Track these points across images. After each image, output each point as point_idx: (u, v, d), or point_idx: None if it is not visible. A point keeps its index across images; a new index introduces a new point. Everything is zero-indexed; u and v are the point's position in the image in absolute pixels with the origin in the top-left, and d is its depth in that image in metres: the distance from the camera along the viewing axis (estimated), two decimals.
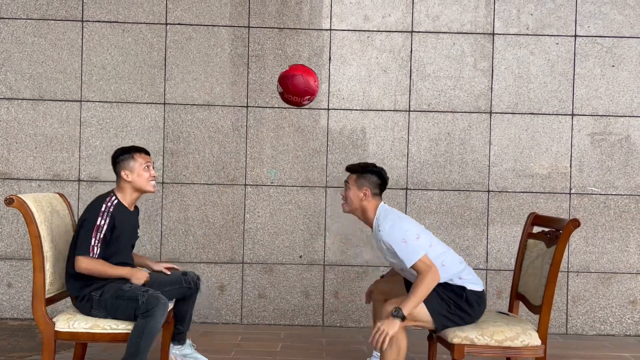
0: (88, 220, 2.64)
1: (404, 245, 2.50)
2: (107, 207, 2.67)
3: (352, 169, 2.78)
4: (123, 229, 2.73)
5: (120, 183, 2.79)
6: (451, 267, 2.59)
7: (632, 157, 4.11)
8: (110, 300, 2.57)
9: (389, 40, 4.11)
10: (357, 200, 2.70)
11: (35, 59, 4.06)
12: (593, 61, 4.11)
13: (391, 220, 2.60)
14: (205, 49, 4.09)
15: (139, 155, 2.79)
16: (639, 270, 4.08)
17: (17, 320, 4.02)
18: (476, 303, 2.56)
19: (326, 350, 3.54)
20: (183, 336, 3.03)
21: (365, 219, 2.74)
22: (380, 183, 2.74)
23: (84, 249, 2.58)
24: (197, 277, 2.98)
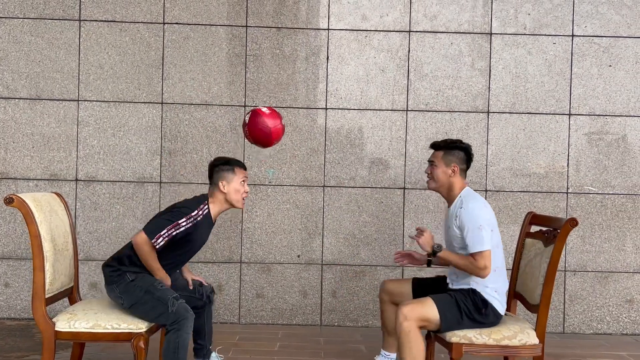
0: (175, 213, 2.66)
1: (477, 230, 2.51)
2: (197, 215, 2.68)
3: (438, 145, 2.75)
4: (195, 241, 2.75)
5: (215, 192, 2.77)
6: (498, 277, 2.61)
7: (628, 156, 4.12)
8: (139, 292, 2.57)
9: (387, 39, 4.12)
10: (445, 177, 2.68)
11: (32, 58, 4.05)
12: (590, 61, 4.12)
13: (478, 203, 2.60)
14: (203, 48, 4.09)
15: (239, 170, 2.79)
16: (636, 269, 4.10)
17: (15, 320, 4.01)
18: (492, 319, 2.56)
19: (324, 350, 3.54)
20: (207, 351, 2.98)
21: (448, 196, 2.72)
22: (467, 159, 2.73)
23: (152, 231, 2.60)
24: (211, 289, 2.97)
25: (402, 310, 2.45)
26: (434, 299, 2.53)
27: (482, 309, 2.53)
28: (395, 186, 4.10)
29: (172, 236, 2.62)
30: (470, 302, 2.53)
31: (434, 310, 2.48)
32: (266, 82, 4.09)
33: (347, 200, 4.10)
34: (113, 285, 2.64)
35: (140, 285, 2.59)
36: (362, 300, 4.09)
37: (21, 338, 3.62)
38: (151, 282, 2.61)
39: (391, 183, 4.11)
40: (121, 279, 2.63)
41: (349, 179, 4.10)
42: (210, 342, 3.00)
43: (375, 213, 4.10)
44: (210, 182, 2.81)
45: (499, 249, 2.63)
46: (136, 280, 2.61)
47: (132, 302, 2.57)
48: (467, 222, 2.54)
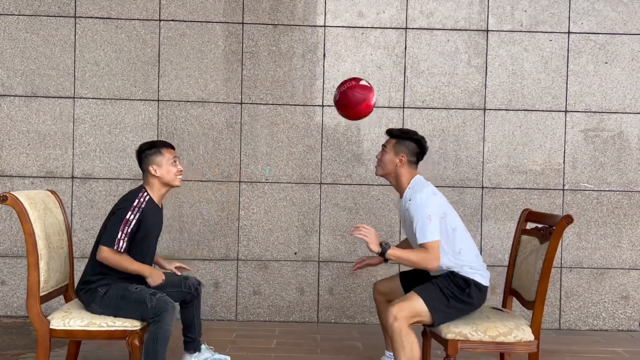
0: (118, 213, 2.64)
1: (427, 221, 2.50)
2: (139, 203, 2.66)
3: (393, 133, 2.75)
4: (151, 229, 2.73)
5: (148, 178, 2.76)
6: (467, 256, 2.61)
7: (624, 153, 4.13)
8: (115, 300, 2.56)
9: (384, 36, 4.11)
10: (391, 165, 2.69)
11: (27, 56, 4.04)
12: (586, 58, 4.12)
13: (425, 194, 2.58)
14: (199, 45, 4.08)
15: (166, 150, 2.77)
16: (632, 265, 4.11)
17: (11, 318, 4.01)
18: (476, 296, 2.58)
19: (321, 347, 3.54)
20: (196, 344, 3.00)
21: (397, 185, 2.73)
22: (419, 152, 2.72)
23: (109, 239, 2.59)
24: (198, 282, 2.97)
25: (391, 311, 2.46)
26: (418, 292, 2.53)
27: (465, 289, 2.55)
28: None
29: (129, 234, 2.59)
30: (452, 285, 2.55)
31: (420, 302, 2.49)
32: (263, 79, 4.08)
33: (344, 198, 4.10)
34: (92, 305, 2.61)
35: (114, 294, 2.58)
36: (359, 297, 4.09)
37: (17, 336, 3.62)
38: (124, 287, 2.59)
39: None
40: (94, 296, 2.60)
41: (346, 176, 4.10)
42: (199, 335, 3.01)
43: (372, 210, 4.10)
44: (142, 169, 2.79)
45: (457, 231, 2.61)
46: (109, 292, 2.59)
47: (115, 311, 2.57)
48: (416, 213, 2.54)
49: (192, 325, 2.95)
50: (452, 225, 2.60)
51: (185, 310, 2.94)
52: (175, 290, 2.86)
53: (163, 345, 2.47)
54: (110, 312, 2.57)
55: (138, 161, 2.81)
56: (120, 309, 2.55)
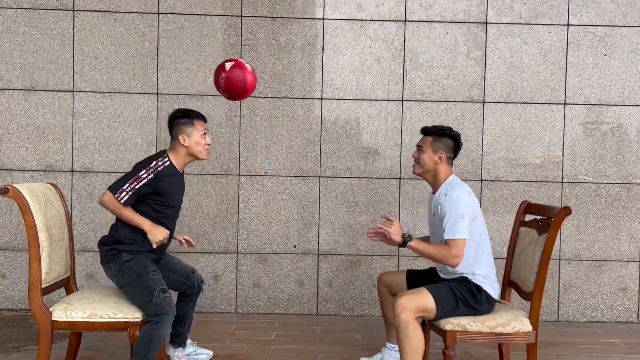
0: (135, 167, 2.68)
1: (459, 218, 2.50)
2: (156, 165, 2.67)
3: (428, 131, 2.74)
4: (170, 190, 2.72)
5: (175, 145, 2.77)
6: (485, 264, 2.62)
7: (623, 145, 4.14)
8: (132, 273, 2.58)
9: (382, 29, 4.11)
10: (431, 163, 2.69)
11: (26, 49, 4.03)
12: (585, 50, 4.12)
13: (463, 192, 2.58)
14: (198, 38, 4.08)
15: (198, 122, 2.77)
16: (630, 257, 4.13)
17: (12, 311, 4.02)
18: (485, 306, 2.58)
19: (320, 339, 3.56)
20: (183, 339, 3.02)
21: (433, 182, 2.73)
22: (455, 148, 2.73)
23: (115, 186, 2.63)
24: (201, 279, 2.99)
25: (399, 302, 2.46)
26: (429, 289, 2.54)
27: (476, 295, 2.55)
28: (391, 176, 4.11)
29: (135, 190, 2.60)
30: (464, 289, 2.55)
31: (430, 299, 2.50)
32: (262, 72, 4.08)
33: (343, 191, 4.11)
34: (110, 264, 2.66)
35: (134, 267, 2.60)
36: (358, 290, 4.11)
37: (18, 329, 3.63)
38: (145, 267, 2.61)
39: (387, 173, 4.12)
40: (117, 258, 2.64)
41: (345, 169, 4.11)
42: (188, 330, 3.04)
43: (371, 203, 4.11)
44: (171, 135, 2.80)
45: (483, 237, 2.63)
46: (131, 262, 2.62)
47: (125, 283, 2.60)
48: (450, 209, 2.54)
49: (183, 320, 2.97)
50: (479, 230, 2.61)
51: (182, 303, 2.95)
52: (178, 279, 2.87)
53: (155, 347, 2.48)
54: (121, 282, 2.61)
55: (169, 128, 2.81)
56: (131, 284, 2.57)
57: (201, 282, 2.99)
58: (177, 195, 2.80)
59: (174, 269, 2.87)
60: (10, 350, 3.21)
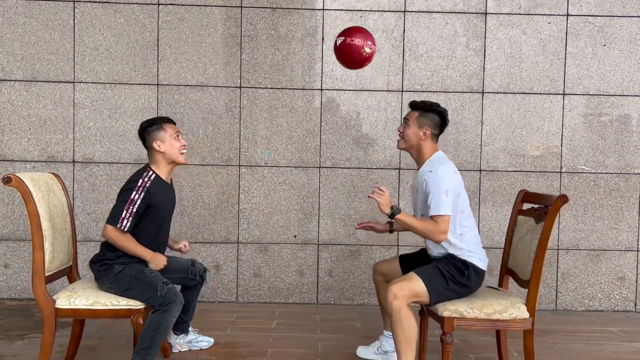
0: (124, 194, 2.67)
1: (443, 195, 2.53)
2: (144, 182, 2.67)
3: (416, 105, 2.75)
4: (161, 205, 2.73)
5: (154, 156, 2.78)
6: (468, 240, 2.65)
7: (622, 135, 4.15)
8: (128, 279, 2.59)
9: (382, 19, 4.11)
10: (415, 138, 2.70)
11: (27, 40, 4.05)
12: (585, 40, 4.13)
13: (447, 169, 2.61)
14: (198, 29, 4.09)
15: (167, 125, 2.78)
16: (628, 247, 4.15)
17: (15, 301, 4.06)
18: (475, 278, 2.62)
19: (320, 327, 3.60)
20: (186, 326, 3.07)
21: (417, 158, 2.74)
22: (441, 124, 2.73)
23: (113, 218, 2.62)
24: (204, 269, 3.02)
25: (390, 290, 2.50)
26: (418, 273, 2.57)
27: (464, 271, 2.59)
28: (390, 167, 4.13)
29: (134, 213, 2.62)
30: (452, 267, 2.59)
31: (420, 283, 2.53)
32: (262, 63, 4.09)
33: (343, 181, 4.14)
34: (103, 279, 2.66)
35: (129, 273, 2.61)
36: (358, 279, 4.15)
37: (22, 317, 3.67)
38: (140, 269, 2.63)
39: (386, 164, 4.14)
40: (109, 271, 2.64)
41: (345, 160, 4.13)
42: (191, 318, 3.08)
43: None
44: (146, 147, 2.81)
45: (464, 213, 2.65)
46: (124, 270, 2.63)
47: (124, 289, 2.60)
48: (434, 185, 2.56)
49: (188, 308, 3.00)
50: (461, 207, 2.64)
51: (185, 292, 2.98)
52: (180, 276, 2.90)
53: (162, 335, 2.51)
54: (119, 290, 2.61)
55: (142, 140, 2.82)
56: (131, 288, 2.59)
57: (204, 271, 3.01)
58: (168, 207, 2.82)
59: (172, 269, 2.87)
60: (14, 338, 3.25)
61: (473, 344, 3.31)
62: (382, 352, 3.01)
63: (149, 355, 2.48)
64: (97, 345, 3.16)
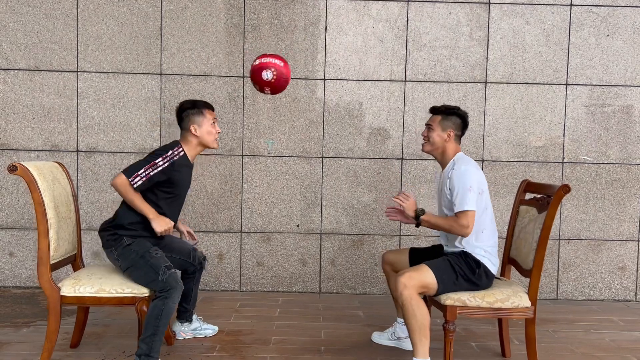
0: (151, 155, 2.70)
1: (466, 191, 2.58)
2: (172, 154, 2.71)
3: (437, 110, 2.84)
4: (180, 182, 2.77)
5: (187, 136, 2.81)
6: (486, 238, 2.67)
7: (625, 126, 4.15)
8: (134, 256, 2.61)
9: (385, 9, 4.11)
10: (440, 140, 2.78)
11: (30, 29, 4.05)
12: (588, 30, 4.12)
13: (470, 166, 2.67)
14: (201, 18, 4.08)
15: (207, 111, 2.82)
16: (629, 237, 4.17)
17: (20, 289, 4.10)
18: (484, 280, 2.64)
19: (323, 315, 3.63)
20: (190, 314, 3.11)
21: (442, 159, 2.82)
22: (463, 126, 2.82)
23: (130, 171, 2.63)
24: (203, 257, 3.06)
25: (400, 280, 2.52)
26: (429, 265, 2.59)
27: (475, 270, 2.61)
28: (393, 157, 4.14)
29: (150, 176, 2.63)
30: (463, 264, 2.61)
31: (431, 274, 2.55)
32: (264, 52, 4.09)
33: (346, 171, 4.15)
34: (111, 249, 2.69)
35: (136, 249, 2.64)
36: (360, 269, 4.17)
37: (27, 305, 3.71)
38: (147, 248, 2.65)
39: (389, 154, 4.15)
40: (118, 242, 2.68)
41: (348, 150, 4.14)
42: (193, 307, 3.12)
43: (374, 183, 4.15)
44: (181, 127, 2.84)
45: (487, 211, 2.69)
46: (132, 245, 2.66)
47: (128, 265, 2.63)
48: (457, 182, 2.62)
49: (189, 296, 3.04)
50: (484, 205, 2.67)
51: (186, 280, 3.01)
52: (181, 258, 2.93)
53: (165, 322, 2.53)
54: (124, 264, 2.63)
55: (178, 119, 2.85)
56: (134, 266, 2.60)
57: (203, 259, 3.06)
58: (185, 186, 2.85)
59: (175, 249, 2.92)
60: (20, 326, 3.29)
61: (475, 332, 3.35)
62: (396, 338, 3.07)
63: (155, 342, 2.51)
64: (102, 332, 3.20)
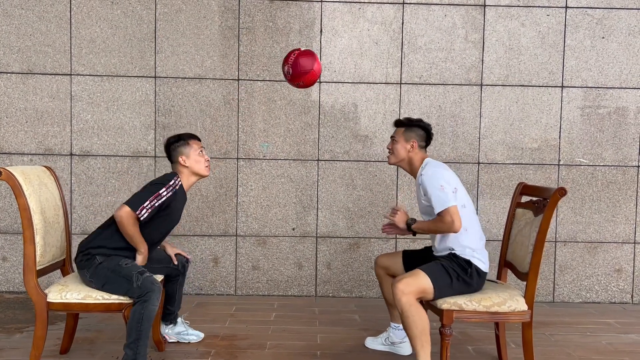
0: (154, 185, 2.71)
1: (439, 191, 2.60)
2: (174, 184, 2.75)
3: (400, 123, 2.88)
4: (174, 212, 2.80)
5: (178, 168, 2.85)
6: (471, 236, 2.67)
7: (620, 128, 4.15)
8: (106, 272, 2.59)
9: (380, 11, 4.10)
10: (404, 151, 2.81)
11: (23, 32, 4.02)
12: (583, 33, 4.12)
13: (437, 168, 2.71)
14: (195, 21, 4.06)
15: (193, 141, 2.87)
16: (625, 239, 4.17)
17: (13, 294, 4.06)
18: (477, 279, 2.63)
19: (319, 319, 3.61)
20: (174, 316, 3.09)
21: (410, 169, 2.85)
22: (427, 137, 2.85)
23: (135, 202, 2.62)
24: (186, 260, 3.05)
25: (397, 287, 2.50)
26: (424, 270, 2.58)
27: (467, 269, 2.61)
28: None
29: (155, 207, 2.64)
30: (455, 265, 2.61)
31: (427, 280, 2.54)
32: (259, 55, 4.07)
33: (342, 174, 4.13)
34: (84, 270, 2.64)
35: (106, 266, 2.60)
36: (356, 272, 4.15)
37: (20, 310, 3.67)
38: (117, 262, 2.62)
39: (385, 156, 4.13)
40: (90, 262, 2.63)
41: (343, 153, 4.13)
42: (178, 308, 3.10)
43: (369, 186, 4.13)
44: (171, 161, 2.88)
45: (466, 209, 2.68)
46: (104, 263, 2.61)
47: (102, 283, 2.59)
48: (429, 185, 2.64)
49: (172, 299, 3.03)
50: (461, 202, 2.66)
51: (169, 283, 3.00)
52: (162, 266, 2.93)
53: (147, 325, 2.50)
54: (98, 284, 2.59)
55: (167, 155, 2.89)
56: (108, 282, 2.57)
57: (186, 262, 3.05)
58: (176, 218, 2.87)
59: (154, 258, 2.89)
60: (13, 332, 3.25)
61: (472, 336, 3.33)
62: (390, 343, 3.04)
63: (139, 347, 2.48)
64: (94, 337, 3.16)
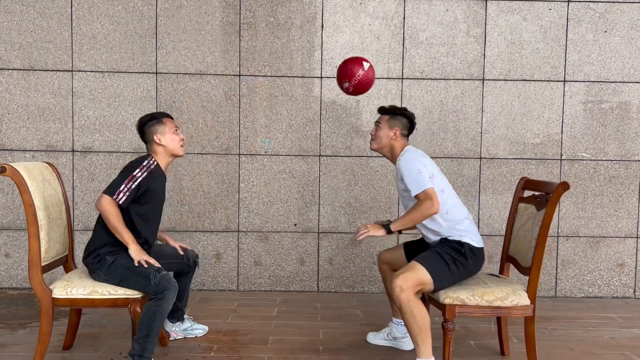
0: (126, 168, 2.67)
1: (416, 174, 2.61)
2: (149, 164, 2.70)
3: (385, 110, 2.90)
4: (157, 193, 2.75)
5: (153, 148, 2.79)
6: (455, 215, 2.68)
7: (622, 123, 4.14)
8: (121, 270, 2.58)
9: (382, 6, 4.08)
10: (386, 138, 2.83)
11: (24, 29, 4.01)
12: (586, 27, 4.10)
13: (415, 154, 2.73)
14: (196, 17, 4.05)
15: (167, 120, 2.82)
16: (628, 234, 4.16)
17: (16, 290, 4.07)
18: (472, 257, 2.64)
19: (321, 314, 3.61)
20: (181, 313, 3.09)
21: (391, 156, 2.87)
22: (410, 126, 2.88)
23: (111, 189, 2.60)
24: (196, 255, 3.04)
25: (396, 283, 2.50)
26: (420, 261, 2.58)
27: (460, 249, 2.62)
28: None
29: (132, 189, 2.60)
30: (449, 248, 2.63)
31: (424, 271, 2.54)
32: (261, 50, 4.07)
33: (343, 170, 4.13)
34: (97, 272, 2.63)
35: (121, 263, 2.59)
36: (358, 267, 4.15)
37: (23, 306, 3.68)
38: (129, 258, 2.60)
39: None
40: (102, 264, 2.62)
41: (345, 148, 4.12)
42: (185, 305, 3.10)
43: (371, 182, 4.13)
44: (145, 140, 2.82)
45: (445, 193, 2.69)
46: (116, 261, 2.61)
47: (119, 280, 2.59)
48: (405, 170, 2.65)
49: (182, 295, 3.02)
50: (440, 187, 2.68)
51: (179, 279, 2.97)
52: (174, 262, 2.92)
53: (159, 323, 2.50)
54: (114, 281, 2.60)
55: (140, 134, 2.83)
56: (124, 279, 2.58)
57: (196, 257, 3.05)
58: (161, 199, 2.83)
59: (166, 254, 2.90)
60: (16, 327, 3.26)
61: (474, 331, 3.33)
62: (392, 338, 3.05)
63: (148, 343, 2.48)
64: (98, 333, 3.17)
